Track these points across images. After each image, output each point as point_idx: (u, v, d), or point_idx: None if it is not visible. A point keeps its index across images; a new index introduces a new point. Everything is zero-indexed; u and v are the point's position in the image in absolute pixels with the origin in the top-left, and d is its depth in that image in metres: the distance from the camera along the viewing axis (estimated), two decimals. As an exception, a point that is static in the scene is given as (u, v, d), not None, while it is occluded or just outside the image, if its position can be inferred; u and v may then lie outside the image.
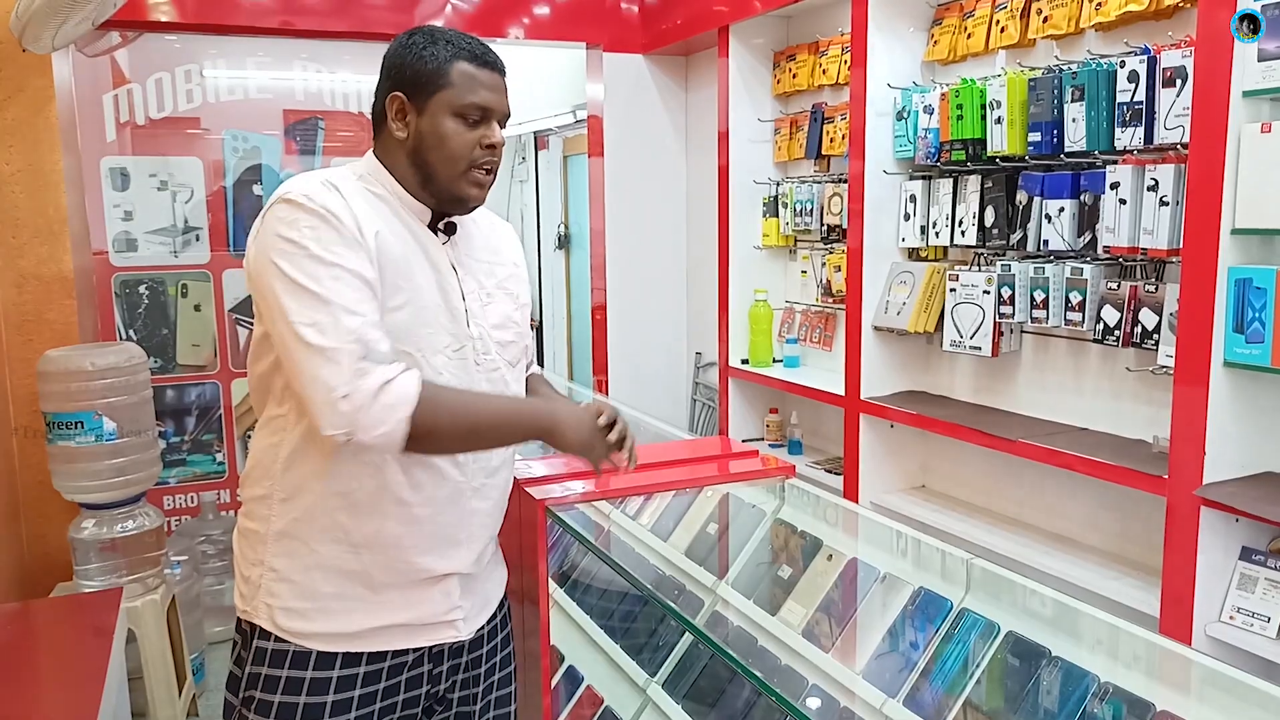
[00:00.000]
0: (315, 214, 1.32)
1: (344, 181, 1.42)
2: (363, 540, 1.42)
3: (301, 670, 1.43)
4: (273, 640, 1.45)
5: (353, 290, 1.31)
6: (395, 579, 1.44)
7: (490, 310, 1.51)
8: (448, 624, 1.50)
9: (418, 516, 1.43)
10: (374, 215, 1.40)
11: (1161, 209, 2.13)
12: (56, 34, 2.77)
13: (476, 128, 1.43)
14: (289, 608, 1.44)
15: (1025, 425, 2.57)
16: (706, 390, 4.24)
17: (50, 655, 1.99)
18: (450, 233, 1.50)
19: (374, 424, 1.27)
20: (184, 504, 3.77)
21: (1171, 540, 2.05)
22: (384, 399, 1.27)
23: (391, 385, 1.28)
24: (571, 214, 5.80)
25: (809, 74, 3.43)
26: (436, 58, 1.41)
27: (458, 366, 1.45)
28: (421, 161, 1.43)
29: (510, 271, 1.58)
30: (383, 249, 1.37)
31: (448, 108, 1.41)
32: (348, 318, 1.29)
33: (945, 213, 2.75)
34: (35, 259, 3.19)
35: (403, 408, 1.28)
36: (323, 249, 1.31)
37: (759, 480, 2.23)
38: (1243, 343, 1.92)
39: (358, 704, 1.44)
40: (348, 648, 1.43)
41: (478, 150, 1.43)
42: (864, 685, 1.68)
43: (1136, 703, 1.42)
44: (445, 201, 1.46)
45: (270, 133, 3.78)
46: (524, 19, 3.93)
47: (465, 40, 1.44)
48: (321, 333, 1.28)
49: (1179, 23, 2.20)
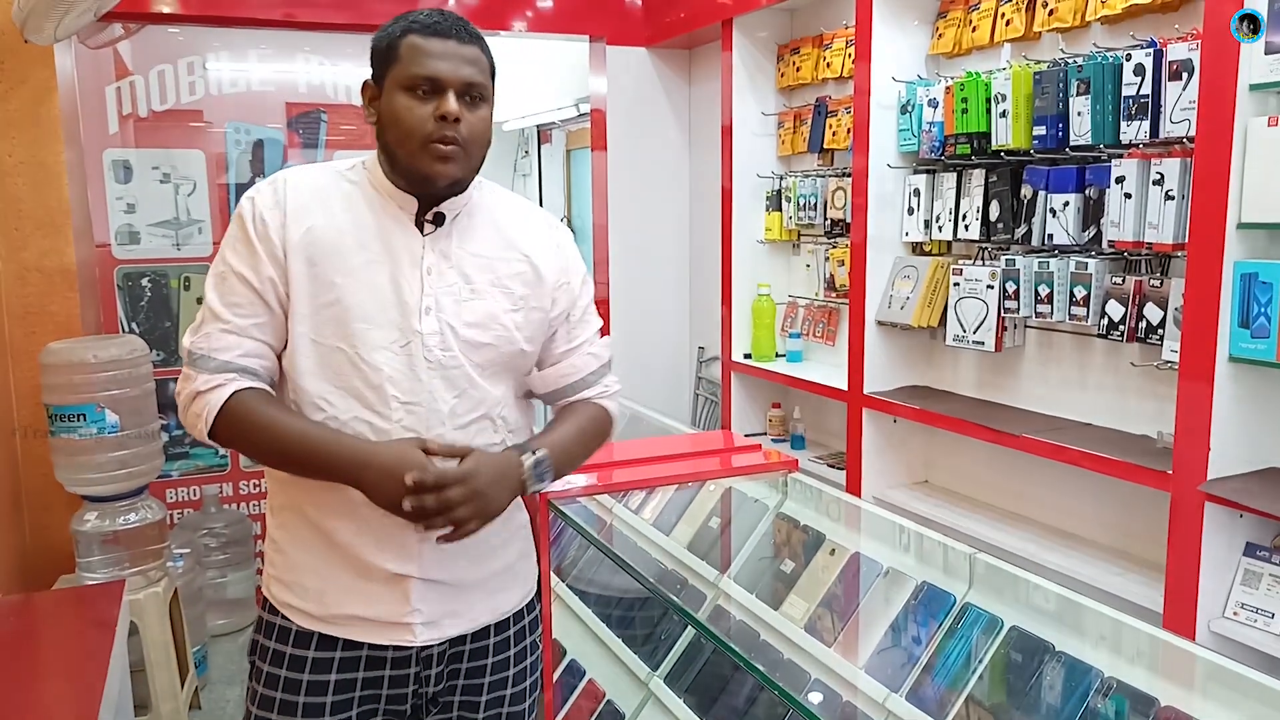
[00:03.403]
0: (239, 216, 1.40)
1: (309, 173, 1.42)
2: (327, 532, 1.43)
3: (284, 645, 1.46)
4: (267, 610, 1.50)
5: (232, 294, 1.38)
6: (360, 570, 1.44)
7: (468, 307, 1.43)
8: (403, 626, 1.45)
9: (365, 516, 1.40)
10: (319, 208, 1.39)
11: (1167, 203, 2.12)
12: (59, 25, 2.76)
13: (428, 99, 1.36)
14: (281, 579, 1.48)
15: (1029, 420, 2.56)
16: (709, 384, 4.23)
17: (52, 648, 1.99)
18: (438, 223, 1.44)
19: (188, 426, 1.39)
20: (186, 497, 3.77)
21: (1175, 536, 2.05)
22: (194, 408, 1.37)
23: (201, 397, 1.36)
24: (574, 208, 5.80)
25: (813, 67, 3.42)
26: (389, 35, 1.39)
27: (402, 363, 1.39)
28: (385, 144, 1.41)
29: (518, 270, 1.48)
30: (314, 243, 1.37)
31: (397, 83, 1.37)
32: (210, 322, 1.38)
33: (949, 207, 2.74)
34: (38, 251, 3.19)
35: (203, 420, 1.36)
36: (230, 250, 1.40)
37: (761, 475, 2.23)
38: (1248, 338, 1.91)
39: (334, 688, 1.45)
40: (320, 629, 1.45)
41: (431, 124, 1.35)
42: (866, 680, 1.68)
43: (1140, 698, 1.42)
44: (415, 182, 1.40)
45: (273, 125, 3.77)
46: (527, 12, 3.92)
47: (422, 14, 1.39)
48: (190, 331, 1.40)
49: (1185, 16, 2.19)
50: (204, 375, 1.36)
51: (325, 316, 1.37)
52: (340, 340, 1.37)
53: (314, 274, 1.37)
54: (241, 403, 1.36)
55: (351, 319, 1.37)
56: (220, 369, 1.36)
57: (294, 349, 1.39)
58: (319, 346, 1.38)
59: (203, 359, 1.37)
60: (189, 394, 1.37)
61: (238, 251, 1.39)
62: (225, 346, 1.37)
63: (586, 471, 2.17)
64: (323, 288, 1.37)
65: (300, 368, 1.38)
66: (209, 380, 1.36)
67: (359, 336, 1.38)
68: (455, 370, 1.42)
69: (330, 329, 1.37)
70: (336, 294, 1.37)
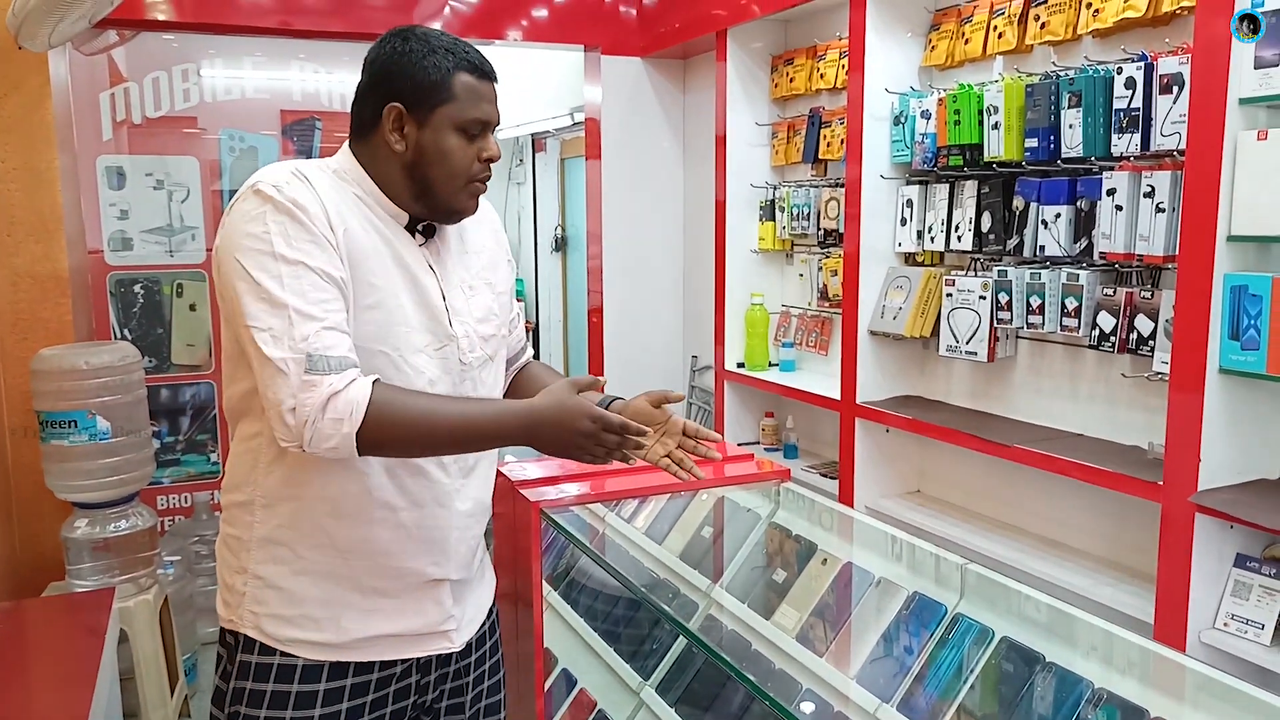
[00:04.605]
0: (283, 207, 1.28)
1: (316, 173, 1.37)
2: (350, 547, 1.39)
3: (287, 684, 1.39)
4: (257, 653, 1.41)
5: (314, 290, 1.26)
6: (387, 585, 1.41)
7: (475, 304, 1.47)
8: (441, 634, 1.46)
9: (404, 521, 1.40)
10: (346, 209, 1.36)
11: (1158, 215, 2.13)
12: (53, 32, 2.76)
13: (475, 141, 1.39)
14: (277, 615, 1.40)
15: (1021, 431, 2.57)
16: (702, 394, 4.23)
17: (42, 655, 1.98)
18: (429, 235, 1.45)
19: (321, 438, 1.24)
20: (177, 504, 3.76)
21: (1166, 546, 2.05)
22: (331, 413, 1.23)
23: (339, 397, 1.23)
24: (568, 217, 5.81)
25: (806, 78, 3.43)
26: (439, 69, 1.36)
27: (439, 366, 1.41)
28: (421, 176, 1.39)
29: (487, 260, 1.53)
30: (353, 245, 1.33)
31: (450, 122, 1.36)
32: (303, 323, 1.24)
33: (942, 218, 2.75)
34: (30, 257, 3.18)
35: (349, 422, 1.23)
36: (287, 245, 1.26)
37: (754, 484, 2.23)
38: (1238, 349, 1.92)
39: (345, 717, 1.41)
40: (336, 657, 1.40)
41: (477, 165, 1.40)
42: (858, 690, 1.67)
43: (1131, 709, 1.42)
44: (440, 214, 1.43)
45: (267, 133, 3.78)
46: (522, 21, 3.93)
47: (464, 49, 1.39)
48: (275, 340, 1.24)
49: (1176, 30, 2.20)
50: (330, 376, 1.23)
51: (367, 319, 1.35)
52: (382, 344, 1.36)
53: (356, 276, 1.33)
54: (385, 393, 1.27)
55: (394, 322, 1.37)
56: (342, 365, 1.25)
57: None
58: (361, 350, 1.33)
59: (320, 360, 1.23)
60: (318, 402, 1.22)
61: (300, 247, 1.27)
62: (336, 343, 1.26)
63: (579, 480, 2.17)
64: (364, 290, 1.34)
65: None
66: (339, 380, 1.24)
67: (401, 340, 1.38)
68: (480, 370, 1.48)
69: (372, 331, 1.35)
70: (378, 297, 1.36)
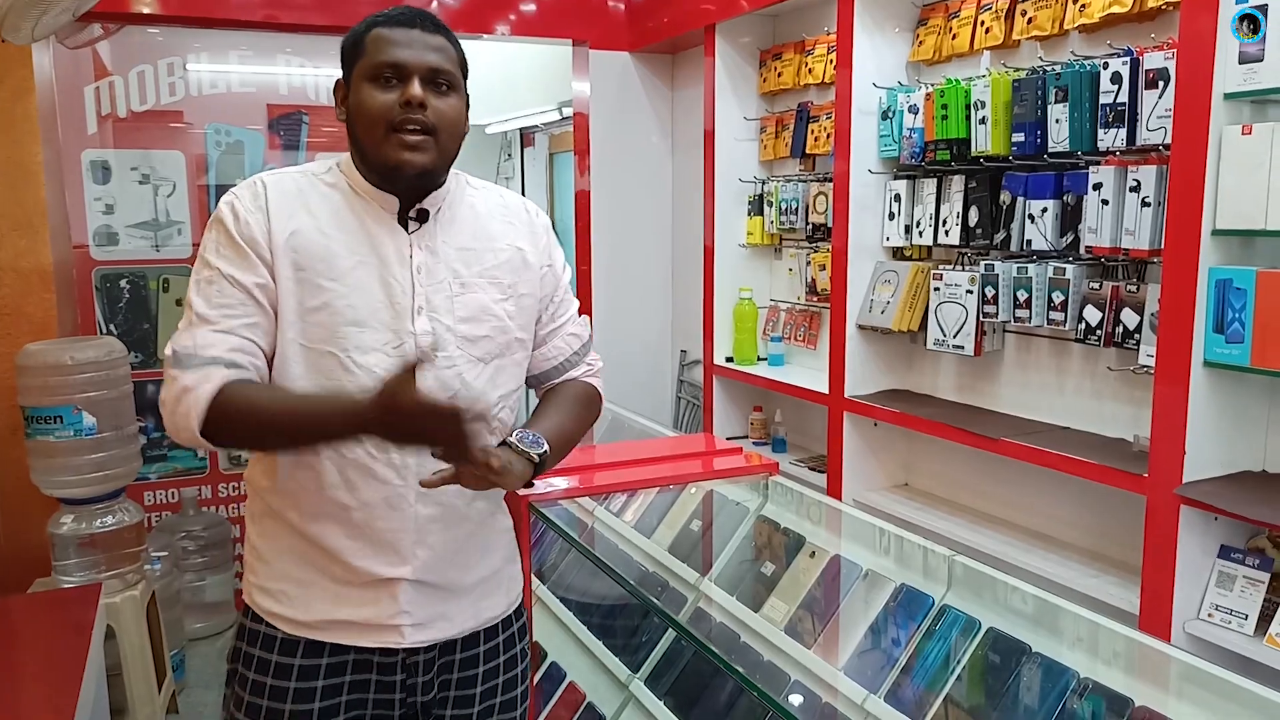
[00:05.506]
0: (221, 216, 1.36)
1: (285, 176, 1.38)
2: (313, 538, 1.42)
3: (269, 653, 1.44)
4: (250, 619, 1.47)
5: (219, 295, 1.33)
6: (348, 576, 1.43)
7: (461, 302, 1.42)
8: (392, 628, 1.44)
9: (355, 520, 1.39)
10: (302, 211, 1.36)
11: (1143, 210, 2.15)
12: (37, 25, 2.74)
13: (392, 87, 1.34)
14: (264, 587, 1.45)
15: (1007, 424, 2.58)
16: (691, 388, 4.24)
17: (28, 651, 1.97)
18: (422, 220, 1.42)
19: (175, 430, 1.31)
20: (165, 499, 3.74)
21: (1151, 538, 2.07)
22: (180, 408, 1.29)
23: (189, 394, 1.28)
24: (557, 211, 5.80)
25: (795, 73, 3.44)
26: (356, 32, 1.38)
27: (395, 365, 1.33)
28: (355, 139, 1.39)
29: (504, 258, 1.47)
30: (300, 247, 1.34)
31: (362, 75, 1.36)
32: (196, 325, 1.32)
33: (929, 212, 2.76)
34: (14, 252, 3.16)
35: (194, 417, 1.28)
36: (215, 253, 1.35)
37: (743, 478, 2.23)
38: (1223, 343, 1.94)
39: (321, 695, 1.44)
40: (308, 635, 1.43)
41: (396, 110, 1.33)
42: (846, 681, 1.68)
43: (1116, 698, 1.43)
44: (386, 175, 1.39)
45: (254, 127, 3.75)
46: (510, 16, 3.92)
47: (389, 9, 1.39)
48: (173, 339, 1.34)
49: (1161, 25, 2.22)
50: (189, 372, 1.29)
51: (313, 321, 1.35)
52: (330, 344, 1.35)
53: (301, 278, 1.34)
54: (230, 391, 1.29)
55: (341, 323, 1.35)
56: (206, 364, 1.30)
57: (282, 355, 1.36)
58: (308, 351, 1.35)
59: (186, 357, 1.30)
60: (174, 395, 1.29)
61: (223, 255, 1.34)
62: (210, 344, 1.31)
63: (568, 474, 2.17)
64: (310, 292, 1.35)
65: (290, 374, 1.36)
66: (194, 376, 1.29)
67: (350, 340, 1.36)
68: (448, 371, 1.41)
69: (319, 333, 1.35)
70: (325, 298, 1.35)
